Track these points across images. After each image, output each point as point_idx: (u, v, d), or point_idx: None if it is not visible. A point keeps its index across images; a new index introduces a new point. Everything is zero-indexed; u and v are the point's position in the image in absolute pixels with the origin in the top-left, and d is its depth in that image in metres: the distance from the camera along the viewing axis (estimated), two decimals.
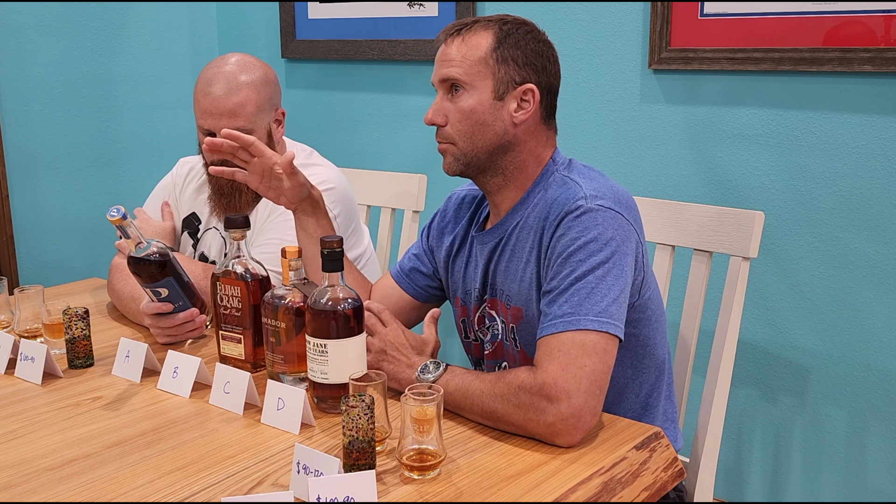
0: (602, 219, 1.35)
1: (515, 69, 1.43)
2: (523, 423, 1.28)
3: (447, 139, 1.47)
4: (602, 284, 1.32)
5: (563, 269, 1.35)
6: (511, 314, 1.49)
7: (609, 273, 1.33)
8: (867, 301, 2.11)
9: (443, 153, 1.49)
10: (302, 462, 1.14)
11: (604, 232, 1.35)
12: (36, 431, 1.35)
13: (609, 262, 1.34)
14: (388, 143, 2.92)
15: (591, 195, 1.38)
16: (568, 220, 1.37)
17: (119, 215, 1.51)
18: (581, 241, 1.35)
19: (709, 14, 2.20)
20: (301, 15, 3.03)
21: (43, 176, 2.89)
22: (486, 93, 1.42)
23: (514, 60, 1.42)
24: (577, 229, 1.35)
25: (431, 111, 1.47)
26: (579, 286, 1.32)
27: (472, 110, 1.43)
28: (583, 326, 1.29)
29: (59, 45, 2.88)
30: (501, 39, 1.42)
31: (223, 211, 1.90)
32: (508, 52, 1.42)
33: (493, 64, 1.42)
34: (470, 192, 1.65)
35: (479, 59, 1.42)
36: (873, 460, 2.15)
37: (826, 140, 2.11)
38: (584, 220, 1.36)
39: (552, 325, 1.32)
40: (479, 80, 1.42)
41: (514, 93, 1.43)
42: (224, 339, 1.56)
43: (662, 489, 1.28)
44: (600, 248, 1.34)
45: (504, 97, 1.43)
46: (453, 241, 1.62)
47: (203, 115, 1.81)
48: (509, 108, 1.43)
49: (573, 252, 1.35)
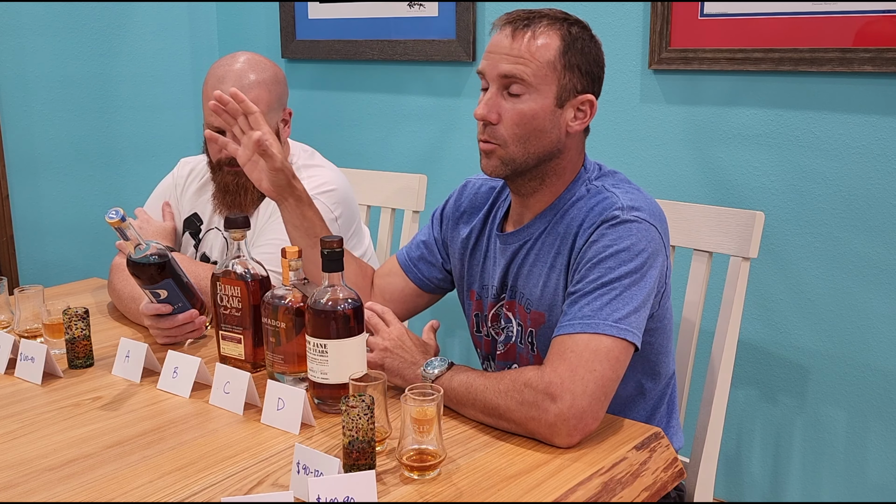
0: (637, 230, 1.35)
1: (578, 77, 1.39)
2: (524, 421, 1.27)
3: (497, 140, 1.40)
4: (627, 293, 1.32)
5: (591, 274, 1.34)
6: (531, 318, 1.48)
7: (636, 283, 1.33)
8: (867, 301, 2.11)
9: (487, 153, 1.42)
10: (302, 462, 1.14)
11: (637, 243, 1.34)
12: (36, 431, 1.35)
13: (638, 272, 1.33)
14: (388, 143, 2.92)
15: (629, 206, 1.37)
16: (603, 228, 1.36)
17: (118, 217, 1.51)
18: (613, 248, 1.34)
19: (709, 14, 2.20)
20: (301, 15, 3.03)
21: (43, 176, 2.88)
22: (549, 98, 1.38)
23: (578, 68, 1.39)
24: (611, 237, 1.35)
25: (485, 106, 1.39)
26: (604, 291, 1.32)
27: (534, 115, 1.38)
28: (600, 331, 1.29)
29: (59, 45, 2.87)
30: (570, 43, 1.38)
31: (227, 209, 1.90)
32: (575, 58, 1.38)
33: (560, 69, 1.37)
34: (486, 182, 1.61)
35: (547, 62, 1.37)
36: (873, 460, 2.15)
37: (826, 140, 2.11)
38: (619, 230, 1.35)
39: (570, 325, 1.31)
40: (544, 85, 1.37)
41: (573, 101, 1.40)
42: (224, 339, 1.56)
43: (662, 489, 1.28)
44: (631, 258, 1.33)
45: (564, 105, 1.40)
46: (470, 233, 1.60)
47: (213, 114, 1.81)
48: (567, 116, 1.40)
49: (604, 258, 1.34)
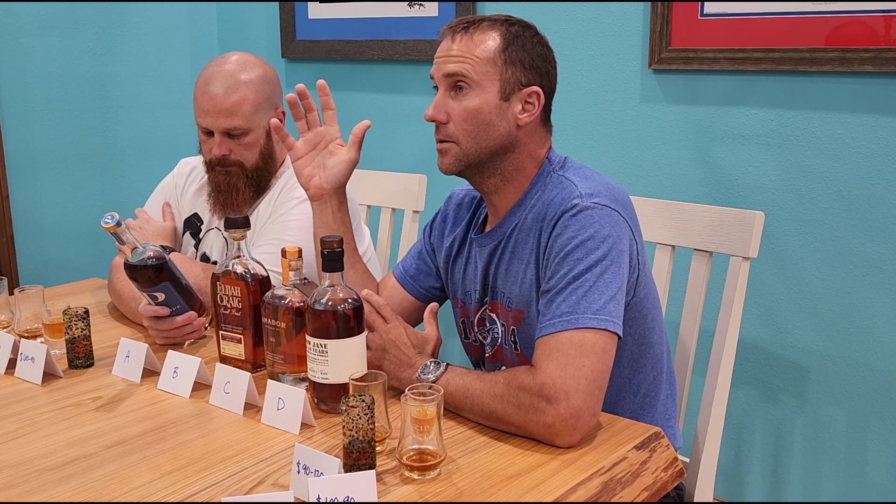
0: (598, 216, 1.36)
1: (522, 71, 1.43)
2: (523, 424, 1.28)
3: (449, 137, 1.45)
4: (599, 282, 1.32)
5: (561, 269, 1.35)
6: (512, 316, 1.49)
7: (606, 270, 1.33)
8: (867, 301, 2.11)
9: (442, 152, 1.47)
10: (302, 462, 1.14)
11: (600, 230, 1.35)
12: (36, 431, 1.35)
13: (606, 258, 1.34)
14: (388, 143, 2.92)
15: (587, 193, 1.38)
16: (564, 220, 1.37)
17: (113, 222, 1.50)
18: (578, 239, 1.35)
19: (709, 14, 2.20)
20: (301, 15, 3.03)
21: (43, 176, 2.89)
22: (492, 93, 1.42)
23: (521, 62, 1.42)
24: (574, 228, 1.36)
25: (433, 108, 1.45)
26: (577, 285, 1.32)
27: (479, 110, 1.42)
28: (581, 325, 1.29)
29: (59, 45, 2.88)
30: (510, 41, 1.42)
31: (221, 209, 1.90)
32: (516, 53, 1.42)
33: (501, 65, 1.42)
34: (468, 192, 1.64)
35: (487, 59, 1.41)
36: (873, 460, 2.15)
37: (826, 140, 2.11)
38: (580, 219, 1.36)
39: (550, 324, 1.32)
40: (486, 80, 1.42)
41: (519, 94, 1.43)
42: (224, 339, 1.56)
43: (662, 489, 1.28)
44: (597, 246, 1.34)
45: (510, 98, 1.43)
46: (453, 242, 1.62)
47: (202, 114, 1.82)
48: (514, 109, 1.43)
49: (570, 251, 1.35)
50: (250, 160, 1.86)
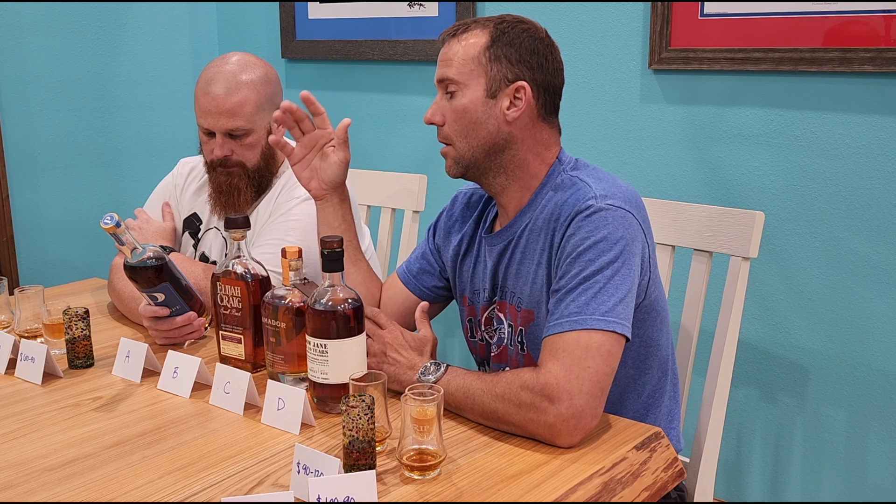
0: (612, 218, 1.36)
1: (508, 67, 1.43)
2: (524, 423, 1.28)
3: (446, 139, 1.48)
4: (610, 284, 1.32)
5: (572, 269, 1.35)
6: (520, 317, 1.49)
7: (618, 272, 1.33)
8: (867, 301, 2.11)
9: (444, 155, 1.50)
10: (302, 462, 1.14)
11: (614, 231, 1.35)
12: (36, 431, 1.35)
13: (618, 261, 1.34)
14: (388, 143, 2.92)
15: (602, 195, 1.38)
16: (578, 220, 1.37)
17: (112, 223, 1.50)
18: (591, 240, 1.35)
19: (709, 14, 2.20)
20: (301, 15, 3.03)
21: (43, 176, 2.88)
22: (478, 91, 1.43)
23: (507, 58, 1.43)
24: (587, 229, 1.36)
25: (430, 111, 1.48)
26: (587, 285, 1.32)
27: (465, 109, 1.44)
28: (589, 326, 1.29)
29: (59, 45, 2.88)
30: (496, 38, 1.43)
31: (222, 209, 1.90)
32: (501, 49, 1.43)
33: (485, 62, 1.43)
34: (476, 191, 1.65)
35: (472, 58, 1.43)
36: (873, 460, 2.15)
37: (826, 140, 2.11)
38: (594, 220, 1.36)
39: (558, 324, 1.32)
40: (471, 79, 1.43)
41: (506, 90, 1.43)
42: (224, 339, 1.56)
43: (663, 489, 1.28)
44: (609, 248, 1.34)
45: (497, 95, 1.43)
46: (461, 240, 1.62)
47: (202, 114, 1.82)
48: (502, 105, 1.43)
49: (583, 251, 1.35)
50: (252, 161, 1.86)
